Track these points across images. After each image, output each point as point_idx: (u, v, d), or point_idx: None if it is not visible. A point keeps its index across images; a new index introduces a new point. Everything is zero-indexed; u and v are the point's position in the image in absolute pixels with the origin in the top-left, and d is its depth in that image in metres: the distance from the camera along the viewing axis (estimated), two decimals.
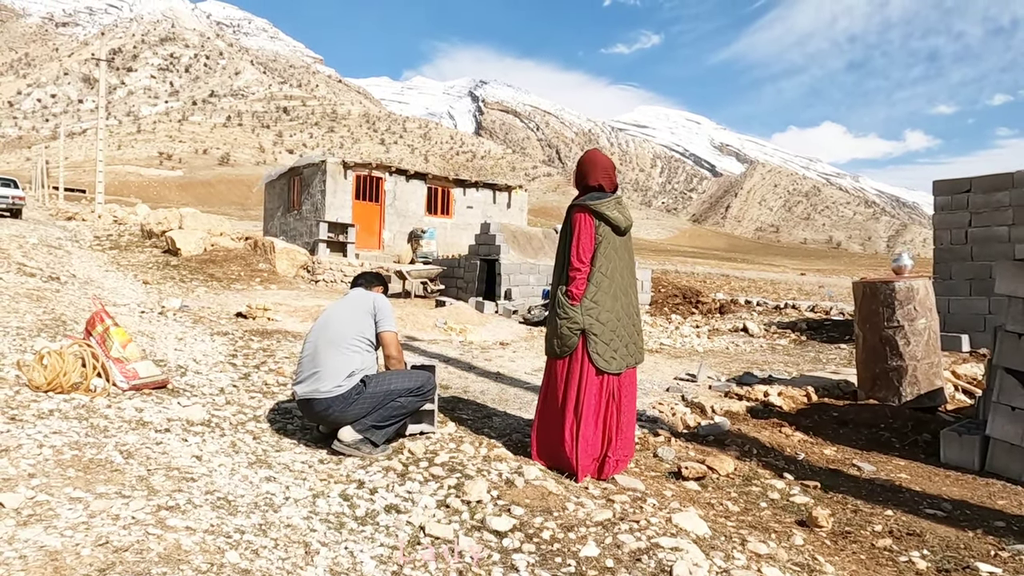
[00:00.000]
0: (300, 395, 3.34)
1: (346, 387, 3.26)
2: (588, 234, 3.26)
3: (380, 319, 3.51)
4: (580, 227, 3.27)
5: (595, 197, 3.32)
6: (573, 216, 3.33)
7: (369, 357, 3.46)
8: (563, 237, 3.41)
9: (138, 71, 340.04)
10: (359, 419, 3.27)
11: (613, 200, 3.33)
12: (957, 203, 8.02)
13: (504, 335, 8.81)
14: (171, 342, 5.70)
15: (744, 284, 27.91)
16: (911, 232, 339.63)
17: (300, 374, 3.40)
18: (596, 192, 3.36)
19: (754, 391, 5.39)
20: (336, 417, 3.27)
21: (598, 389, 3.28)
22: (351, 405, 3.26)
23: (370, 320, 3.50)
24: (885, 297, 5.03)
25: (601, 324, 3.25)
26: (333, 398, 3.24)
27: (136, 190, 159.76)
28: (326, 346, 3.35)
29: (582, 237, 3.26)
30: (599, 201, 3.29)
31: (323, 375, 3.28)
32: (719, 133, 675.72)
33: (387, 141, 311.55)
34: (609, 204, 3.31)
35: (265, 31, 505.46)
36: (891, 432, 4.51)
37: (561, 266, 3.38)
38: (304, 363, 3.41)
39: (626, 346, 3.34)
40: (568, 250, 3.30)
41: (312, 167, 16.47)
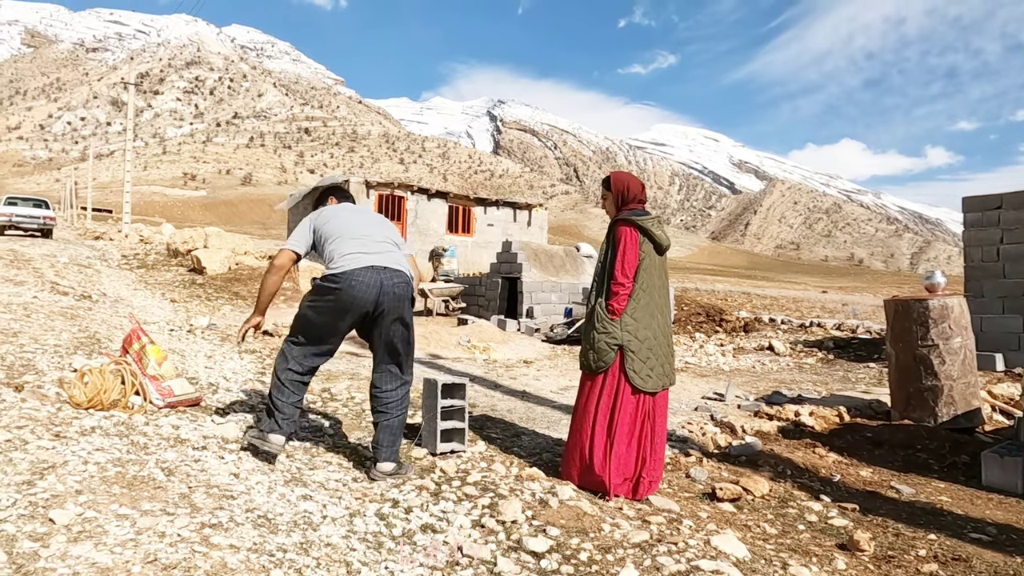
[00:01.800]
0: (377, 264, 3.11)
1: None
2: (633, 250, 3.26)
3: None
4: (626, 242, 3.26)
5: (638, 213, 3.34)
6: (618, 230, 3.31)
7: None
8: (604, 252, 3.41)
9: (164, 94, 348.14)
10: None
11: (655, 218, 3.36)
12: (988, 220, 7.91)
13: (527, 353, 8.80)
14: (201, 360, 5.77)
15: (766, 302, 27.63)
16: (935, 249, 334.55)
17: (360, 250, 3.16)
18: (638, 209, 3.38)
19: (784, 411, 5.32)
20: (404, 312, 3.23)
21: (634, 408, 3.26)
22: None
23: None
24: (918, 315, 4.95)
25: (639, 341, 3.23)
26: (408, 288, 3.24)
27: (161, 210, 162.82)
28: (384, 241, 3.30)
29: (627, 252, 3.25)
30: (644, 217, 3.32)
31: (398, 258, 3.26)
32: (738, 150, 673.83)
33: (406, 160, 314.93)
34: (653, 222, 3.34)
35: (287, 54, 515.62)
36: (928, 453, 4.42)
37: (601, 280, 3.37)
38: (362, 242, 3.21)
39: (662, 366, 3.32)
40: (611, 264, 3.30)
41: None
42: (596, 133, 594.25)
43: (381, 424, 3.26)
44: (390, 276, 3.13)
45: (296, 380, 3.22)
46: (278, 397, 3.17)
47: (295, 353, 3.24)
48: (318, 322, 3.21)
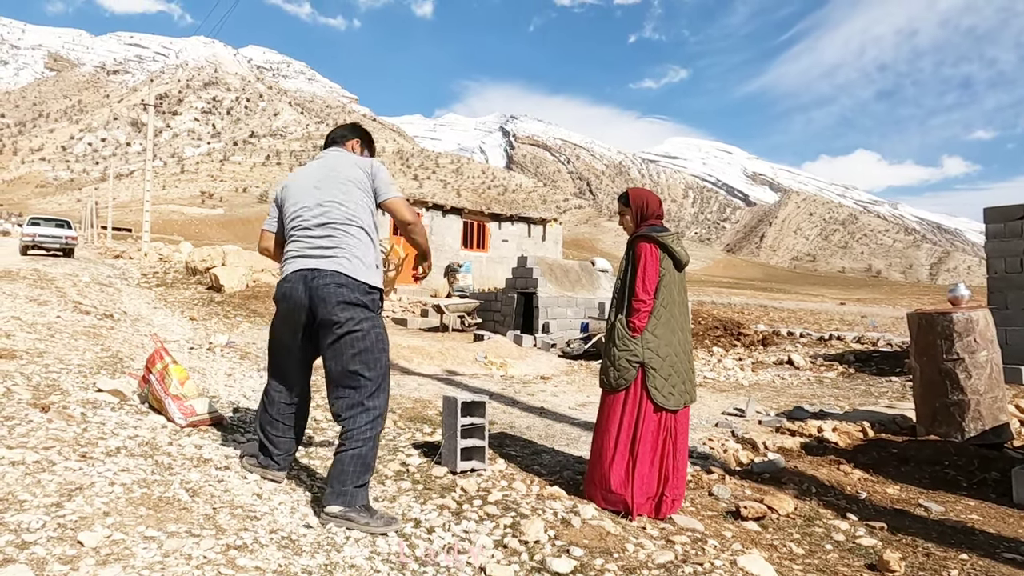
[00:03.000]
0: (304, 267, 2.72)
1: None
2: (654, 266, 3.25)
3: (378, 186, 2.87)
4: (647, 258, 3.25)
5: (657, 230, 3.34)
6: (638, 247, 3.30)
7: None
8: (624, 268, 3.40)
9: (182, 114, 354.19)
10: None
11: (675, 235, 3.36)
12: (1010, 230, 7.80)
13: (544, 369, 8.77)
14: (221, 378, 5.81)
15: (783, 315, 27.38)
16: (954, 259, 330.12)
17: (293, 241, 2.84)
18: (657, 225, 3.37)
19: (807, 426, 5.25)
20: (336, 315, 2.72)
21: (656, 426, 3.23)
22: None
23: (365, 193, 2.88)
24: (943, 329, 4.88)
25: (660, 358, 3.21)
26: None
27: (179, 228, 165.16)
28: (320, 218, 2.80)
29: (648, 268, 3.24)
30: (664, 234, 3.31)
31: (334, 246, 2.76)
32: (751, 163, 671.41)
33: (420, 176, 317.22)
34: (673, 238, 3.34)
35: (303, 73, 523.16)
36: (956, 470, 4.33)
37: (621, 296, 3.36)
38: (297, 227, 2.84)
39: (683, 383, 3.29)
40: (632, 281, 3.29)
41: None
42: (609, 147, 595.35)
43: (334, 456, 2.73)
44: (317, 277, 2.69)
45: (274, 405, 2.96)
46: (266, 427, 2.95)
47: (268, 375, 3.03)
48: (272, 337, 3.00)
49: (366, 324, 2.71)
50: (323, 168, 2.92)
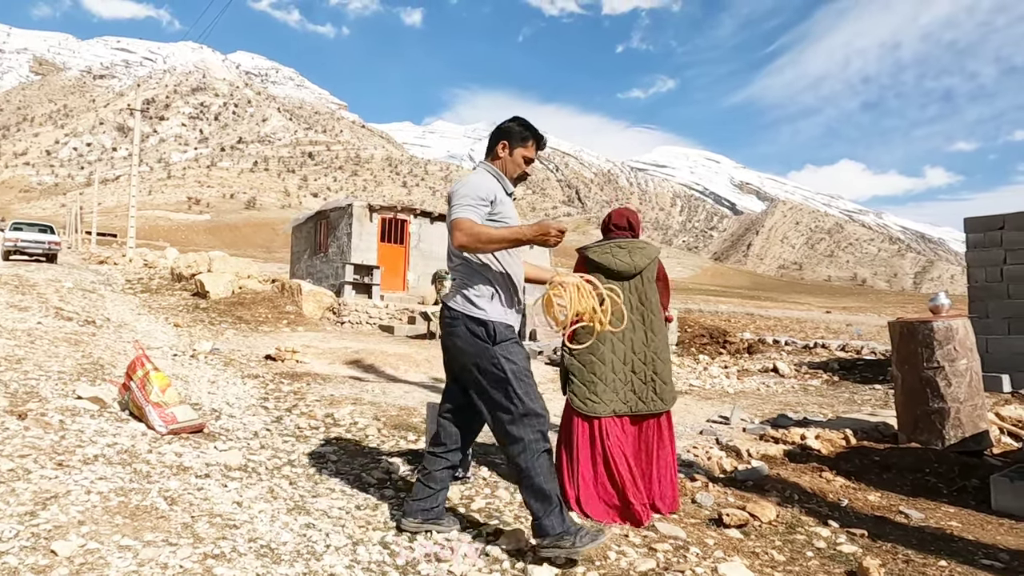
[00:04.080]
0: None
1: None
2: None
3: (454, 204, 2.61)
4: (574, 270, 3.41)
5: (608, 240, 3.48)
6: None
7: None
8: None
9: (170, 119, 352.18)
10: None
11: (607, 244, 3.44)
12: (991, 240, 7.91)
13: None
14: (204, 385, 5.76)
15: (770, 323, 27.57)
16: (938, 269, 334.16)
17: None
18: (616, 237, 3.50)
19: (790, 434, 5.27)
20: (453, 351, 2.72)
21: (585, 431, 3.32)
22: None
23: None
24: (924, 337, 4.93)
25: (580, 364, 3.29)
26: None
27: (165, 234, 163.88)
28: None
29: None
30: (601, 243, 3.47)
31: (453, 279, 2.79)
32: (739, 172, 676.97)
33: (409, 184, 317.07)
34: (607, 248, 3.43)
35: (292, 79, 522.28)
36: (937, 477, 4.37)
37: None
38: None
39: (616, 391, 3.30)
40: None
41: (339, 211, 16.78)
42: (598, 156, 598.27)
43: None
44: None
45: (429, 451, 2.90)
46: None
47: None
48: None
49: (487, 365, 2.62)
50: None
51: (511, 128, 2.75)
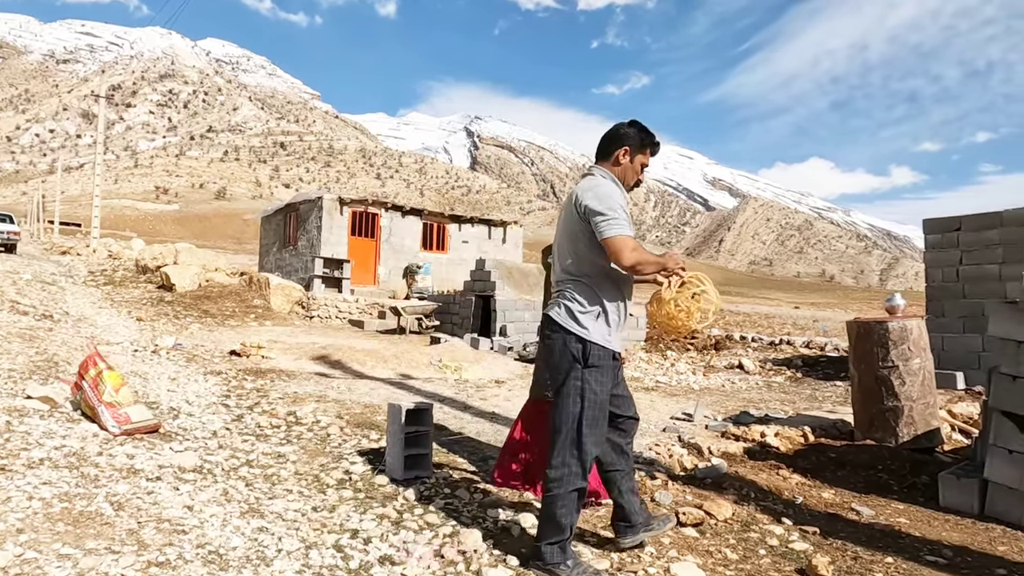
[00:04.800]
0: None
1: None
2: None
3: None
4: None
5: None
6: None
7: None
8: None
9: (137, 107, 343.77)
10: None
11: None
12: (948, 241, 8.11)
13: (499, 373, 8.77)
14: (164, 383, 5.66)
15: (739, 319, 27.92)
16: (903, 265, 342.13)
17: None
18: None
19: (751, 431, 5.36)
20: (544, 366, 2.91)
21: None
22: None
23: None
24: (879, 337, 5.05)
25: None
26: None
27: (132, 224, 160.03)
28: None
29: None
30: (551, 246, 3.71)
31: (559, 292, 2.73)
32: (711, 168, 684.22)
33: (383, 175, 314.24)
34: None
35: (263, 68, 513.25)
36: (889, 474, 4.48)
37: None
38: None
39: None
40: None
41: (308, 203, 16.57)
42: (572, 150, 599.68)
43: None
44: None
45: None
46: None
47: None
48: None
49: (563, 384, 2.61)
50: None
51: (632, 134, 2.65)
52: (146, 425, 3.72)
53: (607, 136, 2.68)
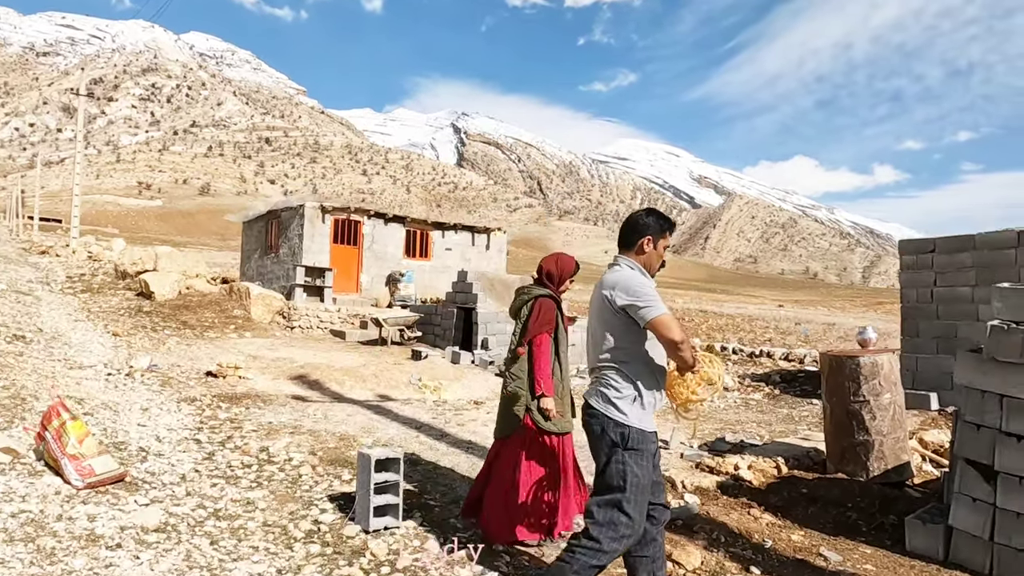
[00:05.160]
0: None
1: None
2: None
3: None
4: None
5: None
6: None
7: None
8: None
9: (119, 101, 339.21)
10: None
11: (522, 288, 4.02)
12: (922, 263, 8.20)
13: (478, 392, 8.77)
14: (135, 414, 5.59)
15: (722, 322, 28.10)
16: (885, 263, 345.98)
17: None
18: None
19: (725, 463, 5.39)
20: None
21: (560, 447, 3.85)
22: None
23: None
24: (851, 372, 5.09)
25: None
26: None
27: (114, 219, 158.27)
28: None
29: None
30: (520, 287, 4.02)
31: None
32: (697, 166, 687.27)
33: (369, 172, 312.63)
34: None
35: (248, 62, 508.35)
36: (858, 513, 4.52)
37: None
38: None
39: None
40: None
41: (290, 211, 16.44)
42: (560, 147, 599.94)
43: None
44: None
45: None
46: None
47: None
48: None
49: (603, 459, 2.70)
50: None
51: (652, 223, 2.76)
52: (111, 476, 3.67)
53: (628, 227, 2.78)
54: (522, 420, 3.63)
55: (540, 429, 3.62)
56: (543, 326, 3.66)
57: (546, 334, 3.68)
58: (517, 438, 3.67)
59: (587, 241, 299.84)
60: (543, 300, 3.71)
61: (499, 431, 3.81)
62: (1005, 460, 3.59)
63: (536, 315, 3.67)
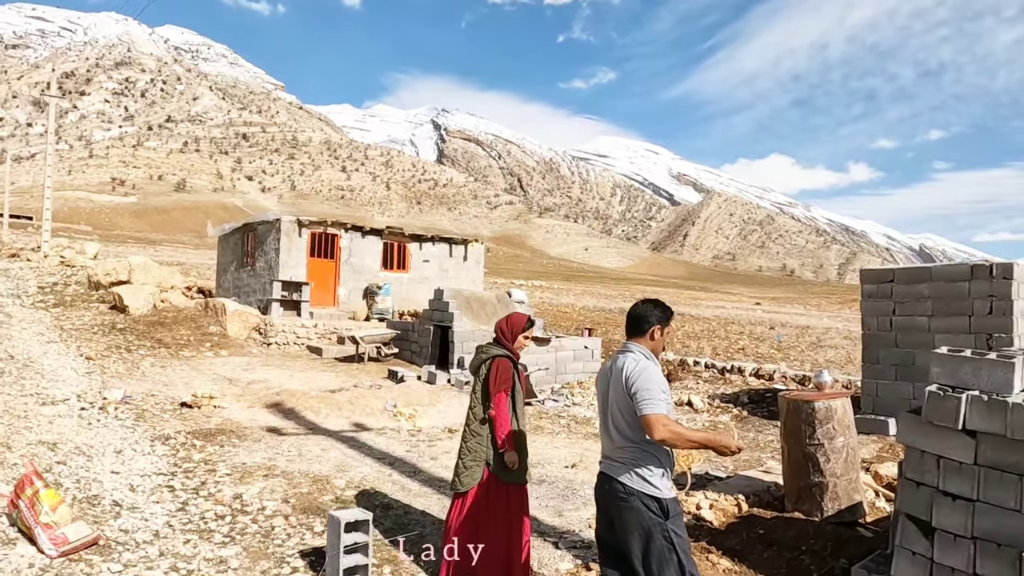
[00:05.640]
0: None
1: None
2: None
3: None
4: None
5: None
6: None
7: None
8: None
9: (91, 95, 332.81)
10: None
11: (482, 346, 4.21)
12: (882, 292, 8.48)
13: (453, 419, 8.89)
14: (108, 459, 5.64)
15: (699, 327, 28.49)
16: (860, 260, 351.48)
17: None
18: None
19: (688, 503, 5.59)
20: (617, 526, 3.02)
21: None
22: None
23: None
24: (806, 415, 5.31)
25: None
26: None
27: (87, 217, 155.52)
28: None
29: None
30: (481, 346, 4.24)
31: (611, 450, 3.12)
32: (677, 163, 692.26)
33: (348, 168, 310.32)
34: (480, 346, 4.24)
35: (225, 57, 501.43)
36: (811, 556, 4.73)
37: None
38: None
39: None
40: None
41: (266, 224, 16.41)
42: (540, 144, 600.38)
43: None
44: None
45: None
46: None
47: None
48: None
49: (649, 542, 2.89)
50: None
51: (659, 314, 3.13)
52: (84, 542, 3.75)
53: (638, 318, 3.12)
54: (482, 475, 3.84)
55: (500, 481, 3.83)
56: (500, 385, 3.88)
57: (503, 393, 3.90)
58: (479, 489, 3.86)
59: (567, 238, 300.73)
60: (499, 360, 3.94)
61: (463, 485, 3.93)
62: (941, 518, 3.80)
63: (494, 376, 3.90)
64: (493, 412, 3.89)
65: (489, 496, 3.83)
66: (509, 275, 67.06)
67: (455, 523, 3.97)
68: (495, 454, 3.83)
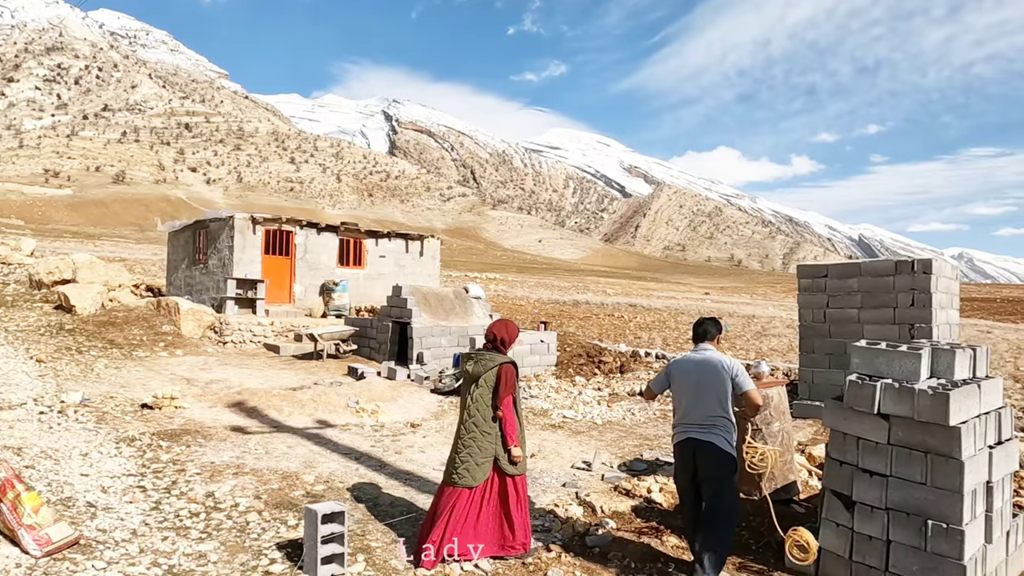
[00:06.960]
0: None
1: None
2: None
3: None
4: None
5: (476, 349, 4.71)
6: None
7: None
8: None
9: (20, 82, 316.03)
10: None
11: (471, 353, 4.61)
12: (817, 286, 9.09)
13: (415, 413, 9.14)
14: (76, 462, 5.70)
15: (650, 319, 29.26)
16: (803, 250, 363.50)
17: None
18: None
19: (639, 487, 6.00)
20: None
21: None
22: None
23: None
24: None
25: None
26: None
27: (18, 210, 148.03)
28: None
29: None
30: (462, 354, 4.88)
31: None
32: (628, 155, 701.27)
33: (297, 160, 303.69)
34: (464, 356, 4.67)
35: (165, 43, 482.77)
36: (750, 532, 5.20)
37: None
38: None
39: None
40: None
41: (219, 222, 16.22)
42: (493, 136, 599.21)
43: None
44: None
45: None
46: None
47: None
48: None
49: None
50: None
51: (717, 329, 4.73)
52: (67, 541, 3.89)
53: (704, 330, 4.67)
54: (491, 469, 4.39)
55: (505, 473, 4.41)
56: (509, 390, 4.44)
57: (510, 395, 4.46)
58: (488, 481, 4.40)
59: (521, 231, 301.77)
60: (506, 367, 4.44)
61: (475, 480, 4.35)
62: (860, 492, 4.29)
63: (504, 382, 4.41)
64: (502, 413, 4.40)
65: (493, 488, 4.41)
66: (464, 268, 67.14)
67: (455, 515, 4.30)
68: (504, 450, 4.39)
